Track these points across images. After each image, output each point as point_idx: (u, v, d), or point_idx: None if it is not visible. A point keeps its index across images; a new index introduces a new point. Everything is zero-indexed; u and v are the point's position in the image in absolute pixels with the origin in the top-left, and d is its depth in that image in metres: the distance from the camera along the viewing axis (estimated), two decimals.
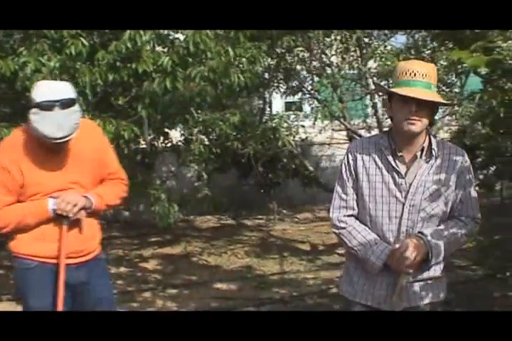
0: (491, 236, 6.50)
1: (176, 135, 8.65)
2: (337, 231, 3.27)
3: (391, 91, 3.11)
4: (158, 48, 6.67)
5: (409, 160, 3.16)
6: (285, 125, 9.10)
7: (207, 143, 8.27)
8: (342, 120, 9.33)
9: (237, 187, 12.49)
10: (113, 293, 4.12)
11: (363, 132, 10.02)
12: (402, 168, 3.15)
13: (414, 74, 3.07)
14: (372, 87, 9.87)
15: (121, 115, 6.66)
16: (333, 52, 9.78)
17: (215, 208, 8.20)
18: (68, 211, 3.55)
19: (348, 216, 3.25)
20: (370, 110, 10.50)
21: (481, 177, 13.53)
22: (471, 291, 6.49)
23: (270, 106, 12.16)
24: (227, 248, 10.03)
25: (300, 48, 9.47)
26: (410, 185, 3.13)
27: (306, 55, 9.66)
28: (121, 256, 9.63)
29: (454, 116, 10.65)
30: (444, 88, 10.40)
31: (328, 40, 9.53)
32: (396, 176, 3.14)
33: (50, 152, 3.54)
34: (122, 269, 8.74)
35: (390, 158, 3.14)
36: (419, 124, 3.07)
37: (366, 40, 9.63)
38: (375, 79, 9.82)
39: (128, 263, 9.13)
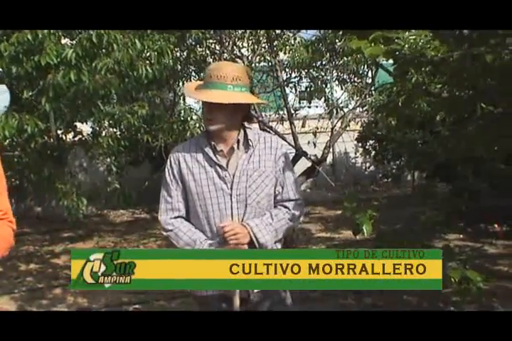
0: (394, 226, 6.61)
1: (87, 129, 8.51)
2: (165, 233, 3.48)
3: (191, 96, 3.42)
4: (66, 40, 6.56)
5: (227, 153, 3.34)
6: (194, 117, 9.06)
7: (118, 136, 8.17)
8: (253, 112, 9.30)
9: (151, 181, 12.40)
10: None
11: (274, 124, 10.06)
12: (223, 161, 3.34)
13: (213, 77, 3.26)
14: (284, 78, 9.91)
15: (26, 109, 6.52)
16: (244, 44, 9.76)
17: (126, 202, 8.11)
18: None
19: (175, 218, 3.42)
20: (281, 102, 10.52)
21: (393, 168, 13.87)
22: None
23: (184, 99, 12.05)
24: (140, 242, 10.00)
25: (211, 40, 9.42)
26: (233, 175, 3.30)
27: (217, 47, 9.61)
28: (31, 252, 9.48)
29: (365, 108, 10.80)
30: (355, 79, 10.53)
31: (239, 32, 9.50)
32: (219, 170, 3.32)
33: None
34: (32, 266, 8.62)
35: (211, 154, 3.33)
36: (214, 123, 3.30)
37: (277, 31, 9.62)
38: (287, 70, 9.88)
39: (39, 259, 8.99)
